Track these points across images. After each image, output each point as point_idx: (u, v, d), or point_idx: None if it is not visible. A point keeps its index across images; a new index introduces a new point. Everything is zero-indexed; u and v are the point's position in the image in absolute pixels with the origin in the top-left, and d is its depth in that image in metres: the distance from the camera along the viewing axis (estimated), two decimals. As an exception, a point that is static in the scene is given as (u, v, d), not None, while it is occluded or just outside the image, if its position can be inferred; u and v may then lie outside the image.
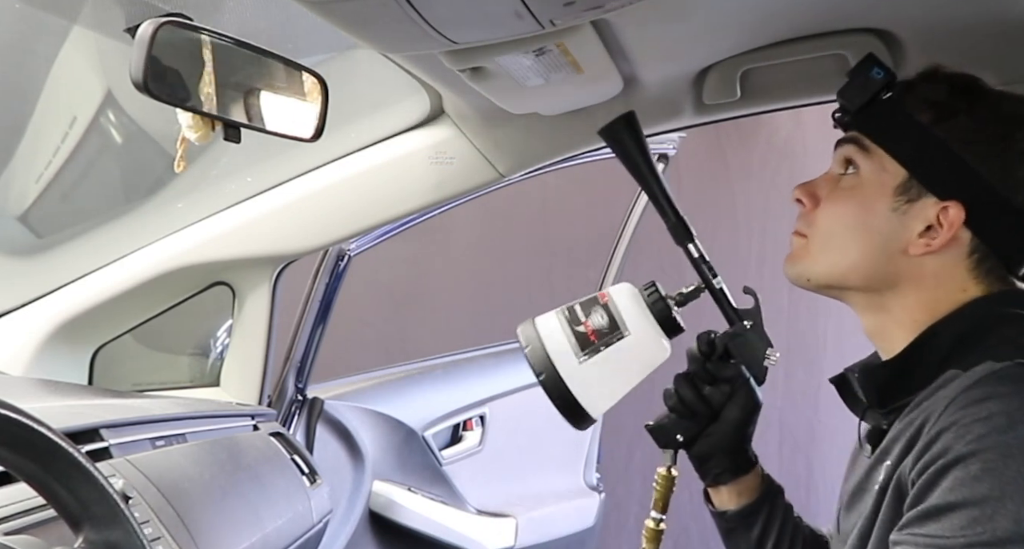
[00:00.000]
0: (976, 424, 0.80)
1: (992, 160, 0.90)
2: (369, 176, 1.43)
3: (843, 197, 0.96)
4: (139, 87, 0.94)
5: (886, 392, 0.94)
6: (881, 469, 0.91)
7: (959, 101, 0.92)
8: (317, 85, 1.13)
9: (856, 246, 0.95)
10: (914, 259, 0.93)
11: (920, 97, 0.93)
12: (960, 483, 0.79)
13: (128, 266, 1.50)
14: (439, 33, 0.88)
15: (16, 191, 1.71)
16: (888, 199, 0.93)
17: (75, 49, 1.60)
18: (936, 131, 0.91)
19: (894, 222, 0.93)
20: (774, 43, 1.15)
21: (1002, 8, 1.06)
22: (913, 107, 0.93)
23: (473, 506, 2.07)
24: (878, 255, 0.94)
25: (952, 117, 0.91)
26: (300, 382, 1.72)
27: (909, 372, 0.92)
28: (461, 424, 2.13)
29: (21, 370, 1.47)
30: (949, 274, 0.93)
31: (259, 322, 1.55)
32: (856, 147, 0.96)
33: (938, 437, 0.82)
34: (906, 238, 0.93)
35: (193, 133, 1.08)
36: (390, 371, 2.13)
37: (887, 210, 0.93)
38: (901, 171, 0.93)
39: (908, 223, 0.92)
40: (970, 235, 0.92)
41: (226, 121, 1.05)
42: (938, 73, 0.95)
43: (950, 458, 0.80)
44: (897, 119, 0.94)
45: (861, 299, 0.97)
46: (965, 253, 0.92)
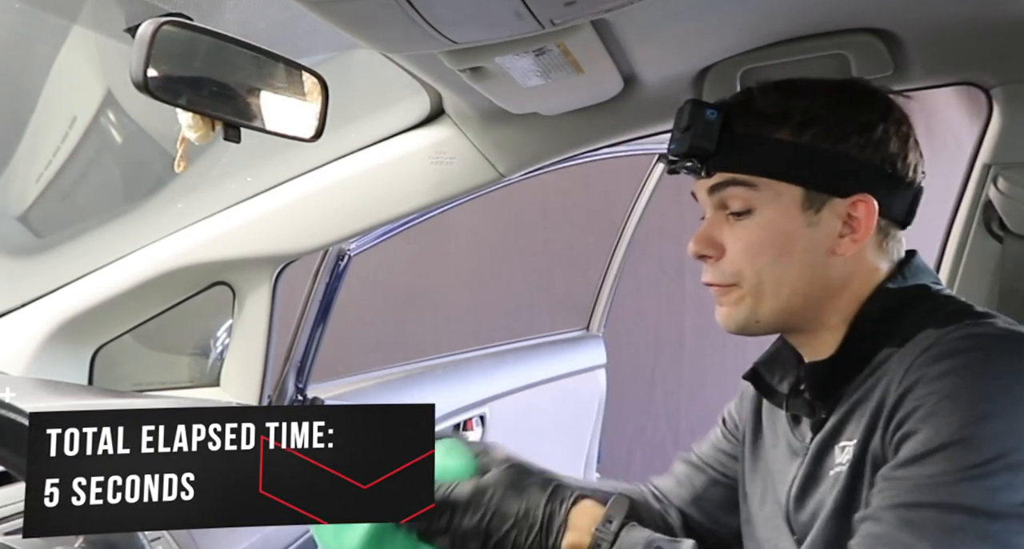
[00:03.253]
0: (943, 376, 0.82)
1: (864, 145, 0.93)
2: (369, 176, 1.43)
3: (751, 236, 0.95)
4: (139, 87, 0.94)
5: (828, 385, 0.95)
6: (835, 451, 0.92)
7: (801, 104, 0.94)
8: (317, 85, 1.13)
9: (789, 273, 0.95)
10: (844, 259, 0.95)
11: (762, 115, 0.94)
12: (939, 428, 0.80)
13: (128, 266, 1.50)
14: (439, 33, 0.88)
15: (16, 191, 1.71)
16: (798, 218, 0.94)
17: (75, 49, 1.60)
18: (802, 140, 0.93)
19: (813, 235, 0.94)
20: (774, 43, 1.16)
21: (1002, 8, 1.06)
22: (763, 127, 0.94)
23: (473, 506, 2.07)
24: (812, 270, 0.95)
25: (808, 122, 0.93)
26: (300, 382, 1.72)
27: (845, 361, 0.94)
28: (461, 424, 2.13)
29: (21, 370, 1.47)
30: (866, 257, 0.96)
31: (259, 322, 1.55)
32: (739, 187, 0.95)
33: (905, 396, 0.84)
34: (830, 244, 0.94)
35: (193, 133, 1.08)
36: (390, 371, 2.13)
37: (802, 227, 0.94)
38: (795, 188, 0.94)
39: (825, 230, 0.94)
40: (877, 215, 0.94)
41: (226, 121, 1.05)
42: (760, 87, 0.97)
43: (924, 411, 0.82)
44: (757, 144, 0.94)
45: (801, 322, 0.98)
46: (874, 232, 0.95)
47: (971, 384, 0.82)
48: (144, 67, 0.93)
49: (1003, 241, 1.40)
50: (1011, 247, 1.39)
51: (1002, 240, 1.40)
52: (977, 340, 0.85)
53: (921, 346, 0.87)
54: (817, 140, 0.93)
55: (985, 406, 0.80)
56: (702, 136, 0.95)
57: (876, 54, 1.13)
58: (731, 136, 0.95)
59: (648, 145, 2.15)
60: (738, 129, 0.95)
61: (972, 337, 0.85)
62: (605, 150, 1.50)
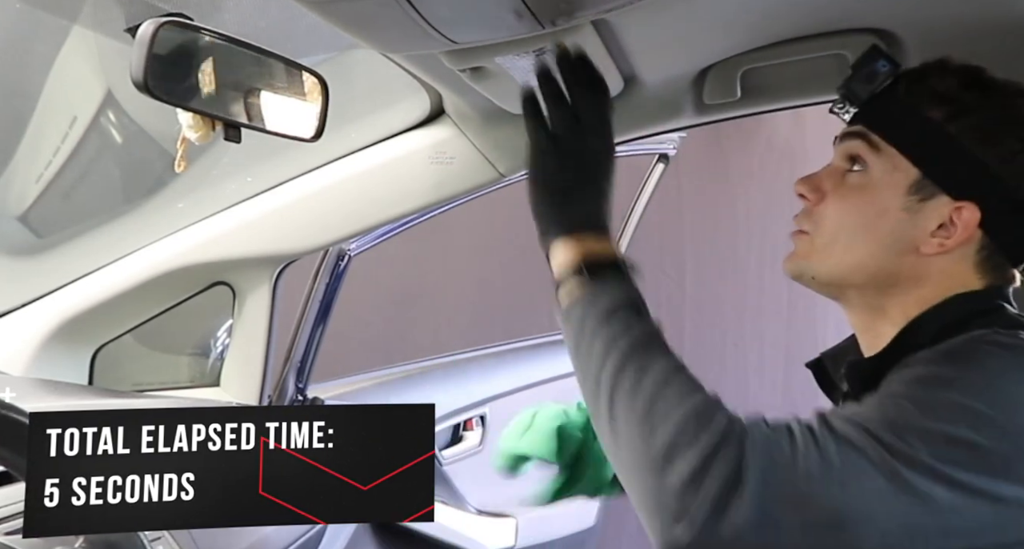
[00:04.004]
0: (926, 356, 0.83)
1: (1007, 160, 0.89)
2: (369, 176, 1.43)
3: (851, 195, 0.94)
4: (139, 87, 0.94)
5: (869, 384, 0.92)
6: None
7: (971, 96, 0.90)
8: (317, 85, 1.13)
9: (864, 246, 0.93)
10: (923, 258, 0.91)
11: (929, 92, 0.91)
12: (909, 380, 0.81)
13: (128, 266, 1.50)
14: (439, 33, 0.88)
15: (16, 191, 1.71)
16: (900, 198, 0.91)
17: (75, 49, 1.60)
18: (949, 128, 0.90)
19: (906, 222, 0.91)
20: (774, 43, 1.15)
21: (1002, 8, 1.06)
22: (922, 102, 0.91)
23: (473, 506, 2.07)
24: (887, 254, 0.92)
25: (965, 114, 0.90)
26: (300, 382, 1.72)
27: (890, 363, 0.91)
28: (461, 424, 2.13)
29: (21, 370, 1.47)
30: (955, 271, 0.92)
31: (259, 322, 1.55)
32: (864, 143, 0.94)
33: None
34: (918, 237, 0.91)
35: (193, 133, 1.08)
36: (390, 371, 2.13)
37: (899, 209, 0.91)
38: (913, 170, 0.91)
39: (920, 222, 0.91)
40: (981, 233, 0.91)
41: (226, 121, 1.05)
42: (947, 66, 0.93)
43: (900, 374, 0.83)
44: (906, 115, 0.92)
45: (858, 298, 0.96)
46: (974, 250, 0.91)
47: (961, 372, 0.81)
48: (144, 67, 0.93)
49: None
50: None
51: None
52: (988, 345, 0.83)
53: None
54: (960, 134, 0.89)
55: (964, 389, 0.79)
56: (860, 83, 0.94)
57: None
58: (891, 95, 0.93)
59: (648, 145, 2.16)
60: (900, 91, 0.93)
61: (985, 344, 0.83)
62: (605, 150, 1.49)
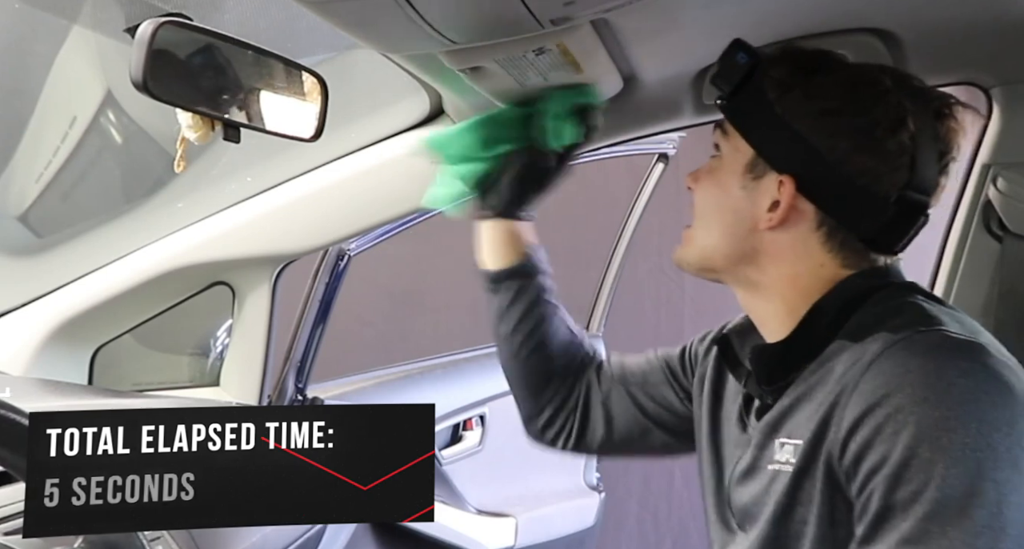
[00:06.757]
0: (905, 408, 0.81)
1: (820, 132, 0.92)
2: (369, 176, 1.43)
3: (706, 180, 1.02)
4: (139, 87, 0.94)
5: (775, 370, 0.96)
6: (775, 446, 0.93)
7: (797, 77, 0.95)
8: (317, 85, 1.13)
9: (716, 225, 1.00)
10: (766, 234, 0.96)
11: (770, 77, 0.96)
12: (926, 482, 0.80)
13: (128, 266, 1.50)
14: (439, 33, 0.88)
15: (16, 191, 1.71)
16: (739, 178, 0.97)
17: (75, 49, 1.60)
18: (777, 108, 0.94)
19: (744, 200, 0.97)
20: (774, 43, 1.15)
21: (1002, 8, 1.06)
22: (763, 87, 0.96)
23: (473, 506, 2.07)
24: (734, 233, 0.98)
25: (789, 92, 0.94)
26: (300, 382, 1.72)
27: (795, 349, 0.94)
28: (461, 424, 2.13)
29: (21, 370, 1.47)
30: (803, 248, 0.96)
31: (259, 322, 1.55)
32: (720, 131, 1.01)
33: (862, 421, 0.83)
34: (756, 215, 0.96)
35: (193, 133, 1.08)
36: (390, 371, 2.13)
37: (738, 188, 0.97)
38: (750, 150, 0.96)
39: (756, 199, 0.96)
40: (813, 208, 0.94)
41: (226, 121, 1.05)
42: (788, 52, 0.99)
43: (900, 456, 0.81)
44: (749, 100, 0.97)
45: (731, 278, 1.01)
46: (813, 226, 0.95)
47: (931, 416, 0.80)
48: (144, 67, 0.93)
49: (1003, 241, 1.40)
50: (1011, 247, 1.39)
51: (1002, 240, 1.40)
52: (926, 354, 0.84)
53: (870, 353, 0.86)
54: (786, 112, 0.94)
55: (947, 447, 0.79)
56: (722, 75, 0.98)
57: (876, 54, 1.12)
58: (749, 84, 0.96)
59: (648, 145, 2.16)
60: (756, 80, 0.96)
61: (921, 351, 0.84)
62: (605, 150, 1.50)
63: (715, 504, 1.05)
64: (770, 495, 0.92)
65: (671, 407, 1.18)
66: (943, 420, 0.80)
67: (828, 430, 0.86)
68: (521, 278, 1.21)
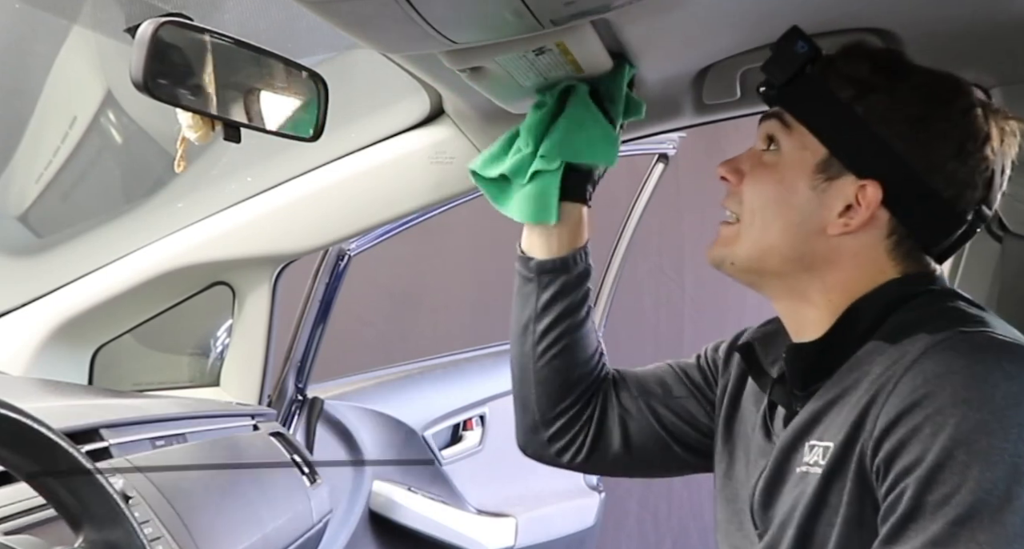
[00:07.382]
0: (945, 410, 0.79)
1: (910, 140, 0.90)
2: (369, 176, 1.43)
3: (764, 174, 0.96)
4: (139, 87, 0.94)
5: (810, 373, 0.93)
6: (804, 449, 0.90)
7: (879, 78, 0.92)
8: (317, 85, 1.13)
9: (776, 225, 0.94)
10: (832, 239, 0.92)
11: (842, 73, 0.93)
12: (959, 485, 0.78)
13: (128, 266, 1.50)
14: (439, 33, 0.88)
15: (16, 191, 1.71)
16: (808, 177, 0.93)
17: (75, 49, 1.60)
18: (856, 108, 0.91)
19: (813, 201, 0.92)
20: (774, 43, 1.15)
21: (1001, 8, 1.06)
22: (835, 83, 0.92)
23: (473, 506, 2.07)
24: (796, 235, 0.93)
25: (871, 94, 0.91)
26: (300, 382, 1.72)
27: (832, 350, 0.92)
28: (461, 424, 2.13)
29: (21, 370, 1.47)
30: (867, 255, 0.93)
31: (259, 322, 1.55)
32: (778, 123, 0.96)
33: (897, 422, 0.81)
34: (825, 217, 0.92)
35: (193, 133, 1.08)
36: (390, 371, 2.13)
37: (807, 188, 0.93)
38: (821, 148, 0.92)
39: (827, 202, 0.92)
40: (888, 216, 0.92)
41: (226, 121, 1.05)
42: (861, 49, 0.95)
43: (936, 457, 0.79)
44: (819, 95, 0.93)
45: (779, 284, 0.97)
46: (883, 234, 0.92)
47: (972, 420, 0.78)
48: (144, 67, 0.93)
49: (1003, 241, 1.40)
50: (1011, 247, 1.39)
51: (1002, 240, 1.40)
52: (971, 355, 0.82)
53: (911, 354, 0.84)
54: (867, 114, 0.90)
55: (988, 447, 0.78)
56: (779, 64, 0.95)
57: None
58: (806, 77, 0.93)
59: (648, 145, 2.16)
60: (815, 73, 0.93)
61: (966, 352, 0.82)
62: (605, 150, 1.49)
63: (732, 512, 1.02)
64: (797, 498, 0.90)
65: (694, 422, 1.12)
66: (983, 423, 0.78)
67: (862, 430, 0.84)
68: (569, 272, 1.11)
